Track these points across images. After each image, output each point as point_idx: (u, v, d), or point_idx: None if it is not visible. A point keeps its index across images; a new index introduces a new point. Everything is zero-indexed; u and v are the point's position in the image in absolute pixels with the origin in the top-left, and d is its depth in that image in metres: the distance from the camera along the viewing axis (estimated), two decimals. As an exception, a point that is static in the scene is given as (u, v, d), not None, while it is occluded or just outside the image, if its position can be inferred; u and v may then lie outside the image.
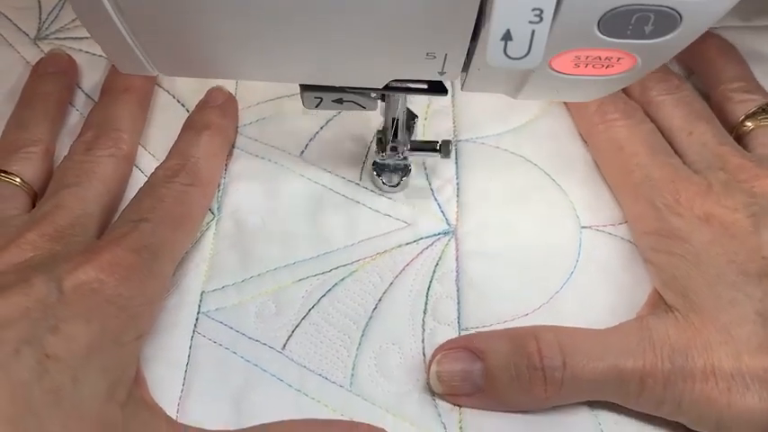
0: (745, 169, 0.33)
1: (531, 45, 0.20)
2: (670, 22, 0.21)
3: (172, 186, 0.33)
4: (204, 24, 0.23)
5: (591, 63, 0.23)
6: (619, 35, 0.21)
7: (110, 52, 0.26)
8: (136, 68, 0.26)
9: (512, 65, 0.20)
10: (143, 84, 0.39)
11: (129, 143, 0.36)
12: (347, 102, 0.30)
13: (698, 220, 0.32)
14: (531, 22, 0.19)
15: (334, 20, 0.22)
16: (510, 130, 0.41)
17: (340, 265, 0.36)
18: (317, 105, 0.30)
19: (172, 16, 0.23)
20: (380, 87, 0.27)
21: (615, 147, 0.36)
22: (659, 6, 0.20)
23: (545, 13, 0.19)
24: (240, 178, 0.38)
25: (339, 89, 0.29)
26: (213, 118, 0.37)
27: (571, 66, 0.23)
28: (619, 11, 0.20)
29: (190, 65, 0.27)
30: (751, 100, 0.37)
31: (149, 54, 0.26)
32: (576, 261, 0.36)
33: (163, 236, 0.32)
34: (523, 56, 0.20)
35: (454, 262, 0.36)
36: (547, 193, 0.38)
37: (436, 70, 0.25)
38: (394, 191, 0.38)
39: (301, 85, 0.29)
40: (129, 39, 0.24)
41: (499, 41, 0.20)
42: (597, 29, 0.21)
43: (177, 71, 0.27)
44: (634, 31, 0.21)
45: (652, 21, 0.20)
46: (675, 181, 0.33)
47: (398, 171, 0.38)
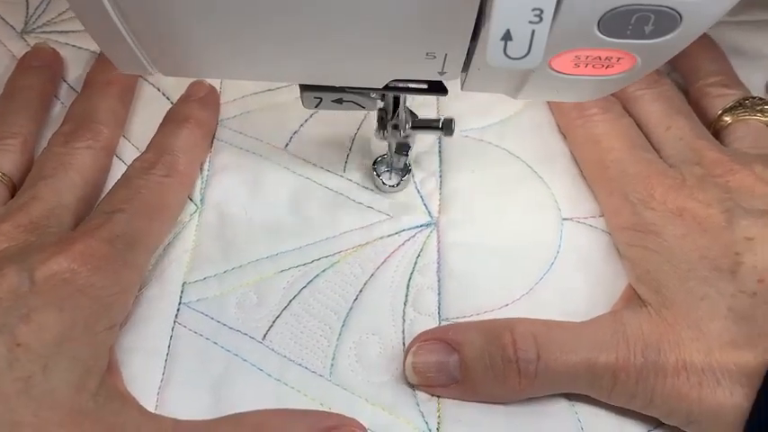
0: (721, 164, 0.33)
1: (531, 45, 0.20)
2: (670, 22, 0.21)
3: (148, 178, 0.34)
4: (204, 24, 0.24)
5: (591, 63, 0.23)
6: (619, 35, 0.21)
7: (109, 52, 0.26)
8: (136, 68, 0.26)
9: (512, 65, 0.20)
10: (125, 77, 0.39)
11: (107, 135, 0.36)
12: (347, 102, 0.30)
13: (671, 215, 0.32)
14: (531, 22, 0.19)
15: (334, 20, 0.23)
16: (494, 124, 0.41)
17: (322, 256, 0.36)
18: (317, 105, 0.30)
19: (172, 16, 0.23)
20: (380, 87, 0.27)
21: (592, 141, 0.36)
22: (659, 6, 0.20)
23: (545, 13, 0.19)
24: (224, 170, 0.39)
25: (339, 89, 0.29)
26: (193, 111, 0.38)
27: (571, 66, 0.23)
28: (619, 11, 0.20)
29: (190, 65, 0.27)
30: (729, 95, 0.37)
31: (149, 54, 0.26)
32: (557, 253, 0.36)
33: (138, 226, 0.32)
34: (523, 56, 0.20)
35: (436, 253, 0.36)
36: (529, 185, 0.38)
37: (436, 70, 0.25)
38: (394, 191, 0.38)
39: (301, 85, 0.29)
40: (129, 39, 0.24)
41: (499, 41, 0.20)
42: (597, 29, 0.21)
43: (177, 71, 0.27)
44: (634, 31, 0.21)
45: (652, 21, 0.20)
46: (650, 176, 0.33)
47: (398, 171, 0.38)
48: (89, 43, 0.43)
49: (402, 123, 0.34)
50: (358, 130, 0.41)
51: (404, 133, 0.35)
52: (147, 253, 0.33)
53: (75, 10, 0.23)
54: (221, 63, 0.27)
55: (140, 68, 0.26)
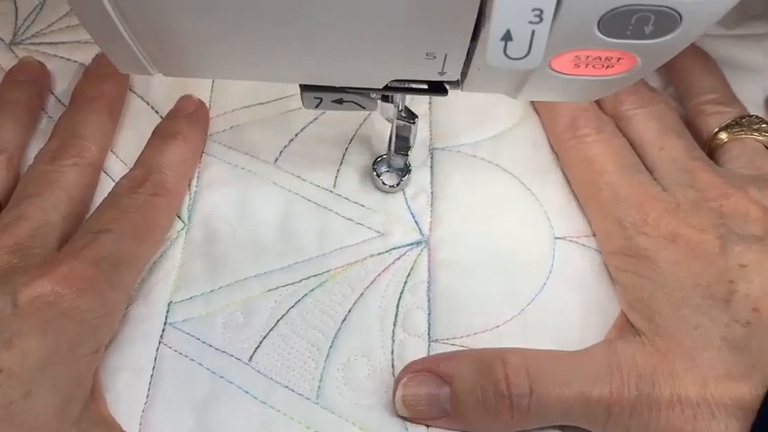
0: (715, 187, 0.32)
1: (531, 45, 0.20)
2: (670, 22, 0.20)
3: (136, 197, 0.33)
4: (204, 24, 0.23)
5: (591, 63, 0.23)
6: (619, 35, 0.21)
7: (109, 52, 0.25)
8: (136, 68, 0.26)
9: (512, 65, 0.20)
10: (114, 91, 0.39)
11: (94, 152, 0.36)
12: (347, 102, 0.30)
13: (664, 240, 0.31)
14: (531, 23, 0.19)
15: (334, 20, 0.22)
16: (487, 139, 0.40)
17: (310, 275, 0.36)
18: (317, 105, 0.30)
19: (171, 16, 0.23)
20: (380, 87, 0.27)
21: (585, 162, 0.35)
22: (659, 6, 0.20)
23: (545, 14, 0.19)
24: (212, 186, 0.38)
25: (339, 89, 0.29)
26: (181, 126, 0.37)
27: (571, 66, 0.23)
28: (619, 11, 0.20)
29: (189, 65, 0.27)
30: (725, 112, 0.36)
31: (149, 54, 0.26)
32: (549, 272, 0.36)
33: (125, 247, 0.32)
34: (523, 56, 0.20)
35: (426, 272, 0.36)
36: (522, 203, 0.38)
37: (436, 70, 0.25)
38: (394, 191, 0.38)
39: (301, 86, 0.29)
40: (129, 39, 0.24)
41: (499, 42, 0.20)
42: (597, 29, 0.21)
43: (177, 71, 0.27)
44: (634, 31, 0.21)
45: (652, 21, 0.20)
46: (643, 200, 0.32)
47: (398, 171, 0.38)
48: (78, 55, 0.43)
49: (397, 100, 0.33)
50: (349, 143, 0.40)
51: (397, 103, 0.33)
52: (133, 274, 0.33)
53: (74, 9, 0.23)
54: (221, 63, 0.26)
55: (140, 68, 0.26)
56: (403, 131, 0.35)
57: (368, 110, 0.30)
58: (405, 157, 0.37)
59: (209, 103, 0.41)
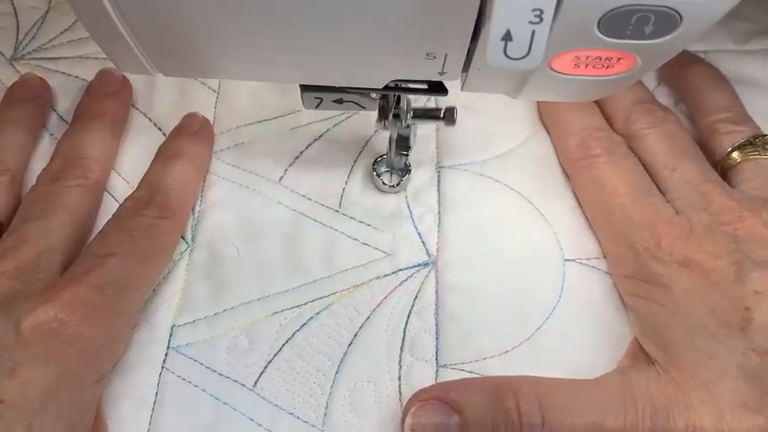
0: (729, 210, 0.31)
1: (531, 45, 0.20)
2: (670, 22, 0.21)
3: (140, 219, 0.32)
4: (204, 25, 0.23)
5: (591, 63, 0.23)
6: (619, 35, 0.21)
7: (110, 52, 0.25)
8: (136, 68, 0.26)
9: (512, 65, 0.20)
10: (116, 109, 0.38)
11: (98, 172, 0.35)
12: (347, 102, 0.30)
13: (678, 266, 0.31)
14: (531, 23, 0.19)
15: (334, 20, 0.22)
16: (495, 157, 0.39)
17: (316, 297, 0.35)
18: (317, 105, 0.30)
19: (172, 16, 0.23)
20: (380, 87, 0.27)
21: (596, 185, 0.35)
22: (659, 6, 0.20)
23: (545, 14, 0.19)
24: (216, 206, 0.37)
25: (339, 89, 0.29)
26: (186, 145, 0.36)
27: (571, 66, 0.23)
28: (619, 11, 0.20)
29: (189, 65, 0.26)
30: (738, 131, 0.36)
31: (149, 54, 0.25)
32: (559, 296, 0.35)
33: (130, 271, 0.31)
34: (523, 56, 0.20)
35: (434, 295, 0.35)
36: (531, 223, 0.37)
37: (436, 70, 0.25)
38: (394, 191, 0.38)
39: (301, 86, 0.29)
40: (129, 39, 0.24)
41: (499, 42, 0.20)
42: (597, 29, 0.21)
43: (177, 71, 0.27)
44: (634, 31, 0.21)
45: (652, 21, 0.20)
46: (656, 223, 0.32)
47: (398, 171, 0.38)
48: (80, 70, 0.42)
49: (403, 113, 0.33)
50: (355, 162, 0.39)
51: (405, 123, 0.34)
52: (138, 299, 0.33)
53: (74, 9, 0.23)
54: (221, 63, 0.26)
55: (141, 69, 0.26)
56: (403, 131, 0.35)
57: (368, 110, 0.30)
58: (405, 157, 0.37)
59: (212, 120, 0.40)
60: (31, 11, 0.45)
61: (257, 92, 0.41)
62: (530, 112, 0.41)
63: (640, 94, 0.38)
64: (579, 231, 0.37)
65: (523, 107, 0.41)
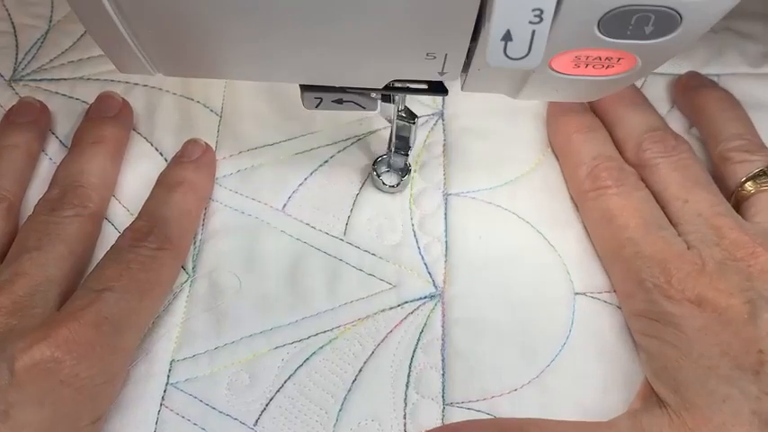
0: (742, 245, 0.31)
1: (531, 45, 0.20)
2: (670, 22, 0.21)
3: (139, 251, 0.32)
4: (204, 24, 0.23)
5: (591, 63, 0.23)
6: (619, 35, 0.21)
7: (110, 52, 0.25)
8: (136, 68, 0.26)
9: (512, 65, 0.20)
10: (116, 134, 0.37)
11: (96, 200, 0.34)
12: (347, 102, 0.30)
13: (690, 304, 0.30)
14: (531, 23, 0.19)
15: (333, 20, 0.22)
16: (503, 184, 0.39)
17: (319, 331, 0.34)
18: (317, 105, 0.30)
19: (172, 16, 0.23)
20: (380, 87, 0.27)
21: (606, 217, 0.34)
22: (659, 6, 0.20)
23: (545, 14, 0.19)
24: (218, 235, 0.37)
25: (339, 89, 0.29)
26: (187, 174, 0.36)
27: (571, 66, 0.23)
28: (619, 11, 0.20)
29: (189, 65, 0.26)
30: (752, 161, 0.35)
31: (149, 54, 0.25)
32: (569, 331, 0.34)
33: (128, 306, 0.30)
34: (523, 56, 0.20)
35: (440, 329, 0.34)
36: (540, 254, 0.36)
37: (436, 70, 0.25)
38: (394, 191, 0.38)
39: (301, 86, 0.29)
40: (129, 39, 0.24)
41: (499, 42, 0.20)
42: (597, 29, 0.21)
43: (177, 71, 0.27)
44: (634, 31, 0.21)
45: (652, 21, 0.20)
46: (667, 258, 0.31)
47: (398, 171, 0.37)
48: (80, 92, 0.41)
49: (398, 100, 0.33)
50: (360, 188, 0.38)
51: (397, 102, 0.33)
52: (136, 334, 0.32)
53: (75, 9, 0.23)
54: (221, 63, 0.26)
55: (141, 69, 0.26)
56: (403, 131, 0.35)
57: (368, 110, 0.30)
58: (405, 157, 0.36)
59: (215, 144, 0.39)
60: (31, 30, 0.44)
61: (261, 115, 0.40)
62: (538, 135, 0.40)
63: (652, 122, 0.37)
64: (590, 263, 0.36)
65: (532, 129, 0.40)
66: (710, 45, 0.44)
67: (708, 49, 0.44)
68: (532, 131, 0.40)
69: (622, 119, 0.37)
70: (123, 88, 0.41)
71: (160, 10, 0.22)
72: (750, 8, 0.46)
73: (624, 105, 0.38)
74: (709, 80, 0.41)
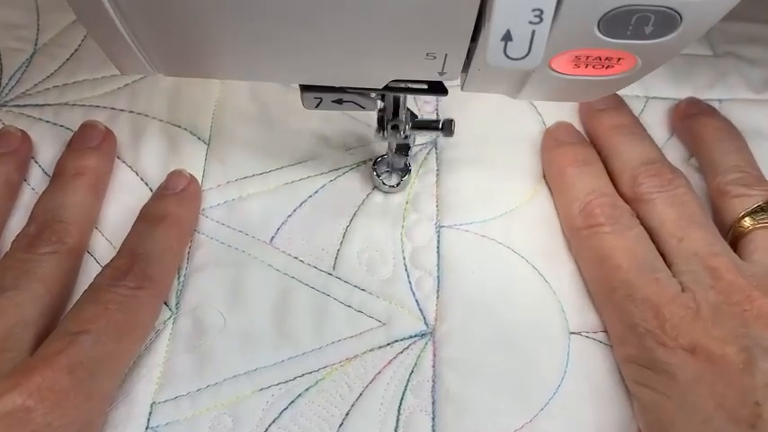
0: (738, 289, 0.30)
1: (531, 45, 0.20)
2: (670, 22, 0.21)
3: (118, 291, 0.31)
4: (203, 24, 0.23)
5: (591, 63, 0.23)
6: (619, 35, 0.21)
7: (110, 52, 0.25)
8: (136, 68, 0.26)
9: (512, 65, 0.20)
10: (99, 165, 0.36)
11: (76, 236, 0.33)
12: (347, 102, 0.29)
13: (683, 352, 0.29)
14: (531, 23, 0.19)
15: (333, 20, 0.22)
16: (498, 216, 0.38)
17: (305, 372, 0.33)
18: (317, 105, 0.29)
19: (171, 15, 0.23)
20: (380, 87, 0.27)
21: (598, 257, 0.33)
22: (659, 6, 0.20)
23: (545, 14, 0.19)
24: (203, 269, 0.36)
25: (339, 89, 0.29)
26: (170, 207, 0.35)
27: (571, 66, 0.23)
28: (619, 11, 0.20)
29: (189, 65, 0.26)
30: (750, 195, 0.34)
31: (149, 54, 0.25)
32: (564, 373, 0.33)
33: (105, 349, 0.29)
34: (523, 56, 0.20)
35: (431, 370, 0.33)
36: (534, 291, 0.35)
37: (436, 70, 0.25)
38: (393, 191, 0.37)
39: (301, 86, 0.29)
40: (129, 39, 0.24)
41: (499, 42, 0.20)
42: (597, 29, 0.21)
43: (177, 71, 0.27)
44: (634, 31, 0.21)
45: (652, 21, 0.20)
46: (660, 303, 0.30)
47: (398, 171, 0.37)
48: (65, 118, 0.40)
49: (402, 124, 0.33)
50: (351, 220, 0.37)
51: (403, 134, 0.33)
52: (114, 378, 0.31)
53: (74, 10, 0.23)
54: (221, 63, 0.26)
55: (141, 69, 0.26)
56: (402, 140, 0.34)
57: (368, 109, 0.30)
58: (405, 158, 0.36)
59: (202, 174, 0.38)
60: (16, 54, 0.43)
61: (250, 144, 0.39)
62: (534, 165, 0.39)
63: (648, 153, 0.36)
64: (585, 300, 0.35)
65: (527, 158, 0.39)
66: (713, 70, 0.43)
67: (710, 73, 0.43)
68: (528, 161, 0.39)
69: (618, 150, 0.36)
70: (108, 114, 0.40)
71: (160, 9, 0.22)
72: (753, 33, 0.45)
73: (621, 135, 0.37)
74: (708, 107, 0.40)
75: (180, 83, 0.41)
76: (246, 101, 0.41)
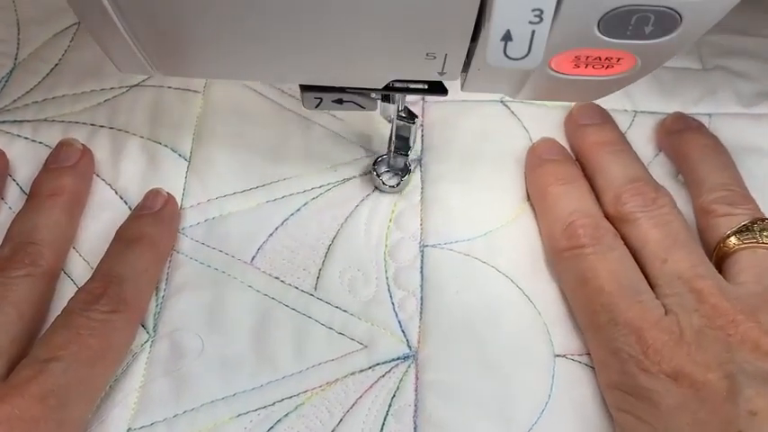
0: (722, 313, 0.29)
1: (531, 45, 0.20)
2: (670, 22, 0.21)
3: (90, 315, 0.30)
4: (203, 24, 0.23)
5: (591, 63, 0.23)
6: (619, 35, 0.21)
7: (109, 52, 0.25)
8: (136, 68, 0.26)
9: (512, 65, 0.20)
10: (75, 185, 0.35)
11: (50, 258, 0.33)
12: (347, 102, 0.30)
13: (666, 378, 0.28)
14: (531, 23, 0.19)
15: (334, 20, 0.22)
16: (483, 235, 0.37)
17: (285, 396, 0.32)
18: (317, 105, 0.30)
19: (171, 15, 0.23)
20: (380, 87, 0.27)
21: (580, 279, 0.32)
22: (659, 6, 0.20)
23: (545, 14, 0.19)
24: (182, 291, 0.35)
25: (339, 89, 0.29)
26: (146, 228, 0.34)
27: (571, 66, 0.23)
28: (619, 11, 0.20)
29: (189, 65, 0.26)
30: (735, 215, 0.33)
31: (149, 54, 0.25)
32: (548, 397, 0.32)
33: (77, 376, 0.29)
34: (523, 56, 0.20)
35: (413, 394, 0.33)
36: (519, 312, 0.35)
37: (436, 70, 0.25)
38: (393, 191, 0.37)
39: (301, 86, 0.29)
40: (129, 39, 0.24)
41: (499, 42, 0.20)
42: (597, 29, 0.21)
43: (177, 71, 0.27)
44: (634, 31, 0.21)
45: (652, 21, 0.21)
46: (643, 327, 0.29)
47: (398, 171, 0.37)
48: (43, 135, 0.40)
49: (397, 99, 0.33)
50: (334, 239, 0.37)
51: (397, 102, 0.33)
52: (87, 405, 0.30)
53: (74, 8, 0.23)
54: (221, 63, 0.26)
55: (140, 68, 0.26)
56: (403, 131, 0.35)
57: (368, 110, 0.30)
58: (405, 158, 0.37)
59: (182, 192, 0.38)
60: (-4, 68, 0.42)
61: (231, 161, 0.39)
62: (520, 181, 0.39)
63: (633, 171, 0.35)
64: (570, 323, 0.34)
65: (513, 175, 0.39)
66: (702, 83, 0.43)
67: (699, 87, 0.43)
68: (514, 178, 0.39)
69: (602, 167, 0.36)
70: (88, 131, 0.40)
71: (159, 8, 0.22)
72: (743, 46, 0.44)
73: (606, 153, 0.36)
74: (695, 123, 0.39)
75: (161, 98, 0.41)
76: (228, 117, 0.40)
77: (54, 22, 0.44)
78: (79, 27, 0.44)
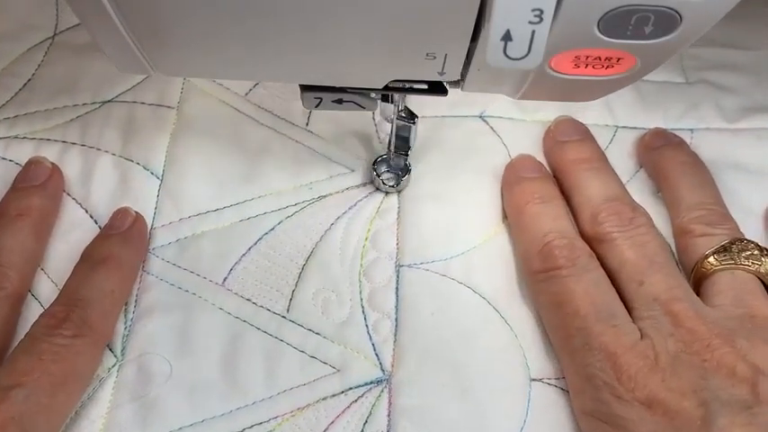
0: (699, 337, 0.29)
1: (530, 45, 0.20)
2: (670, 22, 0.21)
3: (53, 340, 0.29)
4: (203, 23, 0.23)
5: (591, 63, 0.23)
6: (619, 35, 0.21)
7: (109, 52, 0.25)
8: (136, 68, 0.26)
9: (512, 65, 0.20)
10: (44, 205, 0.35)
11: (15, 280, 0.32)
12: (347, 102, 0.30)
13: (640, 406, 0.28)
14: (531, 23, 0.19)
15: (333, 20, 0.22)
16: (459, 255, 0.36)
17: (255, 423, 0.32)
18: (317, 105, 0.30)
19: (170, 14, 0.23)
20: (380, 87, 0.27)
21: (555, 302, 0.32)
22: (659, 6, 0.20)
23: (545, 14, 0.19)
24: (151, 313, 0.34)
25: (339, 89, 0.29)
26: (113, 248, 0.33)
27: (571, 66, 0.23)
28: (619, 11, 0.20)
29: (188, 65, 0.27)
30: (713, 235, 0.33)
31: (149, 54, 0.25)
32: (524, 422, 0.32)
33: (39, 403, 0.28)
34: (523, 56, 0.20)
35: (386, 419, 0.32)
36: (495, 335, 0.34)
37: (436, 70, 0.25)
38: (393, 191, 0.37)
39: (301, 86, 0.29)
40: (128, 39, 0.24)
41: (499, 42, 0.20)
42: (597, 29, 0.21)
43: (176, 71, 0.27)
44: (634, 31, 0.21)
45: (652, 21, 0.21)
46: (617, 352, 0.29)
47: (398, 171, 0.38)
48: (13, 153, 0.39)
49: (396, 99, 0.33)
50: (308, 258, 0.36)
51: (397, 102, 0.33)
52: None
53: (73, 8, 0.22)
54: (220, 63, 0.26)
55: (139, 68, 0.26)
56: (403, 131, 0.35)
57: (368, 110, 0.30)
58: (405, 158, 0.37)
59: (154, 211, 0.37)
60: (-33, 84, 0.42)
61: (205, 179, 0.38)
62: (497, 200, 0.38)
63: (610, 190, 0.35)
64: (547, 345, 0.34)
65: (491, 193, 0.38)
66: (685, 98, 0.42)
67: (682, 102, 0.42)
68: (492, 196, 0.38)
69: (580, 185, 0.35)
70: (59, 148, 0.39)
71: (158, 8, 0.22)
72: (727, 60, 0.44)
73: (583, 170, 0.36)
74: (675, 139, 0.38)
75: (134, 114, 0.40)
76: (203, 134, 0.40)
77: (27, 37, 0.43)
78: (53, 42, 0.43)
